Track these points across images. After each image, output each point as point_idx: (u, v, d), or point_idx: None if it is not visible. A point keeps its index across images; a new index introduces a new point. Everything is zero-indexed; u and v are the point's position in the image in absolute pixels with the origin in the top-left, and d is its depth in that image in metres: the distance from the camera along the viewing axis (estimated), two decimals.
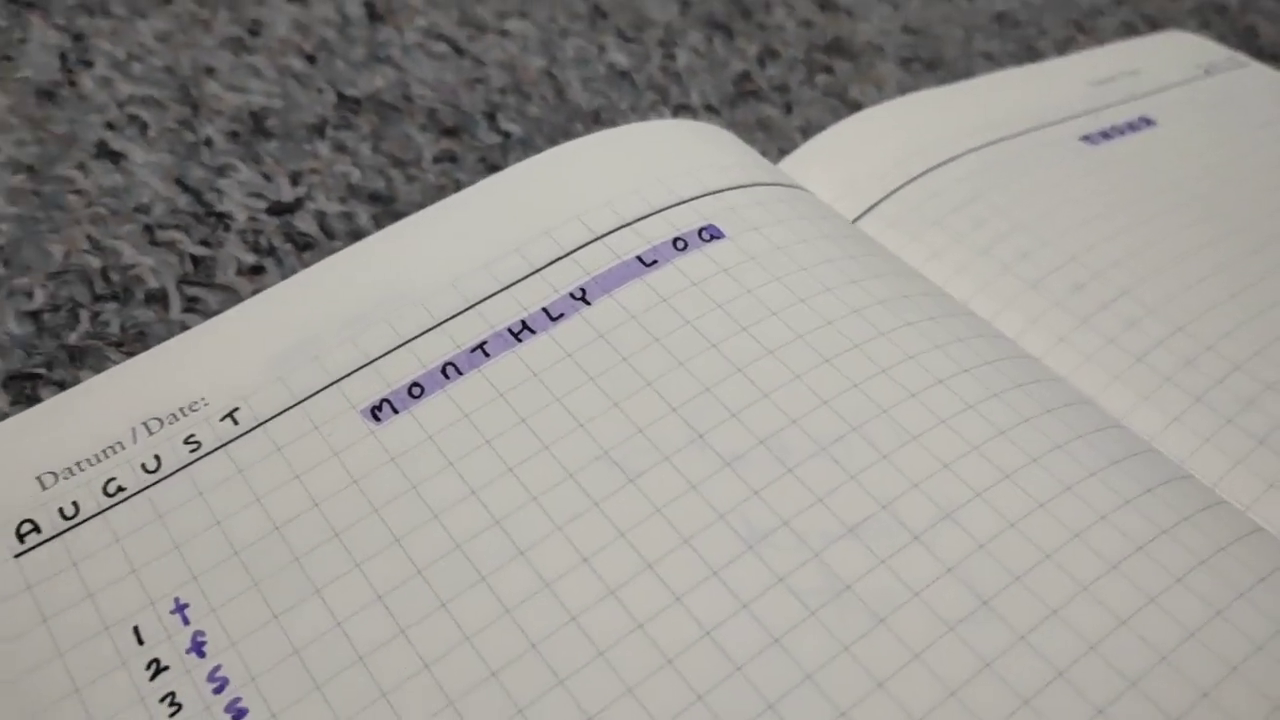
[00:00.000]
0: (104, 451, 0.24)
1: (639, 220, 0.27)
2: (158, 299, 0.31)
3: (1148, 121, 0.38)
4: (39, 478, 0.24)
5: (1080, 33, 0.50)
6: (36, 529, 0.23)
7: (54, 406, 0.25)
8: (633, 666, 0.20)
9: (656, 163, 0.29)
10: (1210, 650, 0.19)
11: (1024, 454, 0.23)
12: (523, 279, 0.26)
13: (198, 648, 0.21)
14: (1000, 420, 0.23)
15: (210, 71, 0.39)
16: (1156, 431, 0.26)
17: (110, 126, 0.36)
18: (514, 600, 0.21)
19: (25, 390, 0.27)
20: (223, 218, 0.33)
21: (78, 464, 0.24)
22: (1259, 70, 0.43)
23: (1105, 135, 0.37)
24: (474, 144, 0.38)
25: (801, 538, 0.22)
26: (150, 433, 0.24)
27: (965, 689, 0.19)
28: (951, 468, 0.22)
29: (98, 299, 0.30)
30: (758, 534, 0.22)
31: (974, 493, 0.22)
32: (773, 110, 0.42)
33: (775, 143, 0.40)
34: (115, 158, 0.35)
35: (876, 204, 0.33)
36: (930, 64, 0.46)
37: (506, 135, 0.38)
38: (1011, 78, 0.40)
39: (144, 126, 0.36)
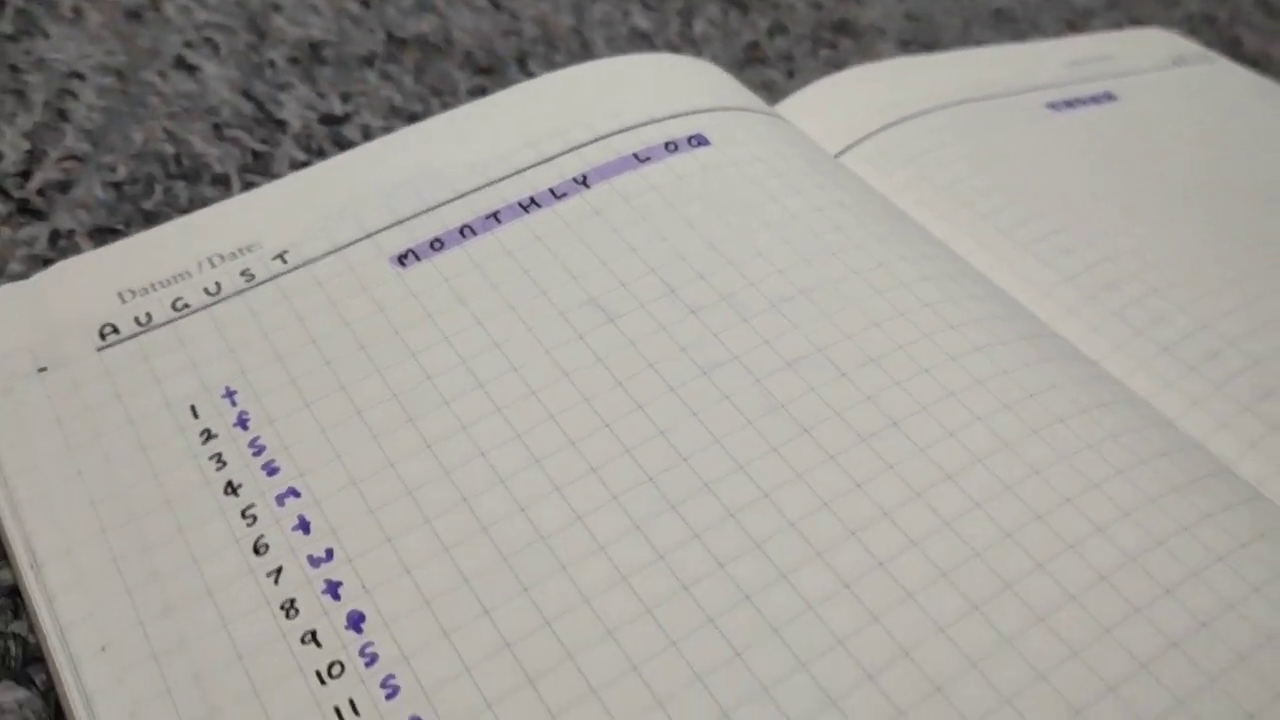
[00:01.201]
0: (174, 277, 0.29)
1: (637, 127, 0.32)
2: (221, 182, 0.35)
3: (1110, 96, 0.43)
4: (119, 293, 0.28)
5: (1072, 30, 0.54)
6: (116, 331, 0.27)
7: (135, 242, 0.30)
8: (605, 466, 0.24)
9: (657, 84, 0.34)
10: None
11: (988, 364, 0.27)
12: (533, 165, 0.31)
13: (242, 423, 0.26)
14: (950, 316, 0.28)
15: (276, 8, 0.44)
16: (1103, 355, 0.30)
17: (188, 45, 0.41)
18: (505, 400, 0.26)
19: (107, 241, 0.32)
20: (281, 124, 0.38)
21: (152, 285, 0.28)
22: (1226, 66, 0.48)
23: (1069, 104, 0.41)
24: (504, 82, 0.42)
25: (748, 368, 0.26)
26: (213, 265, 0.29)
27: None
28: (906, 350, 0.26)
29: (170, 177, 0.35)
30: (711, 363, 0.26)
31: (920, 369, 0.26)
32: (776, 75, 0.46)
33: (775, 102, 0.44)
34: (191, 69, 0.40)
35: (855, 143, 0.38)
36: (927, 46, 0.50)
37: (533, 75, 0.43)
38: (994, 52, 0.45)
39: (216, 47, 0.41)
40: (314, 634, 0.22)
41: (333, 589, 0.23)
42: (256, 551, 0.24)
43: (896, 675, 0.21)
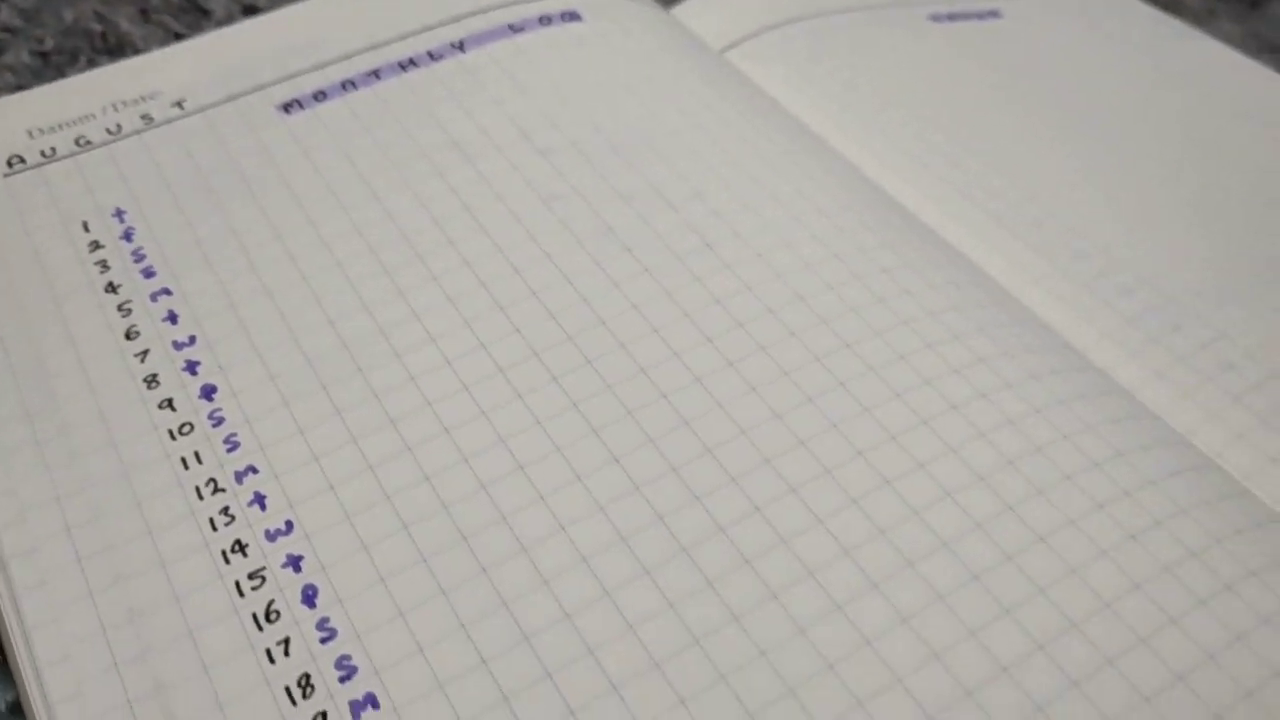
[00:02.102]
0: (79, 119, 0.32)
1: (514, 4, 0.35)
2: None
3: (994, 14, 0.45)
4: (28, 130, 0.31)
5: None
6: (22, 161, 0.30)
7: (45, 89, 0.33)
8: (483, 320, 0.27)
9: None
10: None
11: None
12: (416, 33, 0.34)
13: (127, 236, 0.29)
14: (819, 205, 0.30)
15: None
16: (986, 255, 0.32)
17: None
18: (374, 237, 0.28)
19: None
20: (206, 12, 0.41)
21: (58, 125, 0.31)
22: None
23: (951, 18, 0.44)
24: None
25: (587, 200, 0.29)
26: (115, 110, 0.32)
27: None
28: (755, 211, 0.29)
29: (95, 51, 0.38)
30: (552, 194, 0.29)
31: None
32: None
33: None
34: None
35: (738, 41, 0.40)
36: None
37: None
38: None
39: None
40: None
41: (191, 368, 0.26)
42: (128, 336, 0.27)
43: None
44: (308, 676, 0.21)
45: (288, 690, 0.21)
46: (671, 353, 0.26)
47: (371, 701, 0.21)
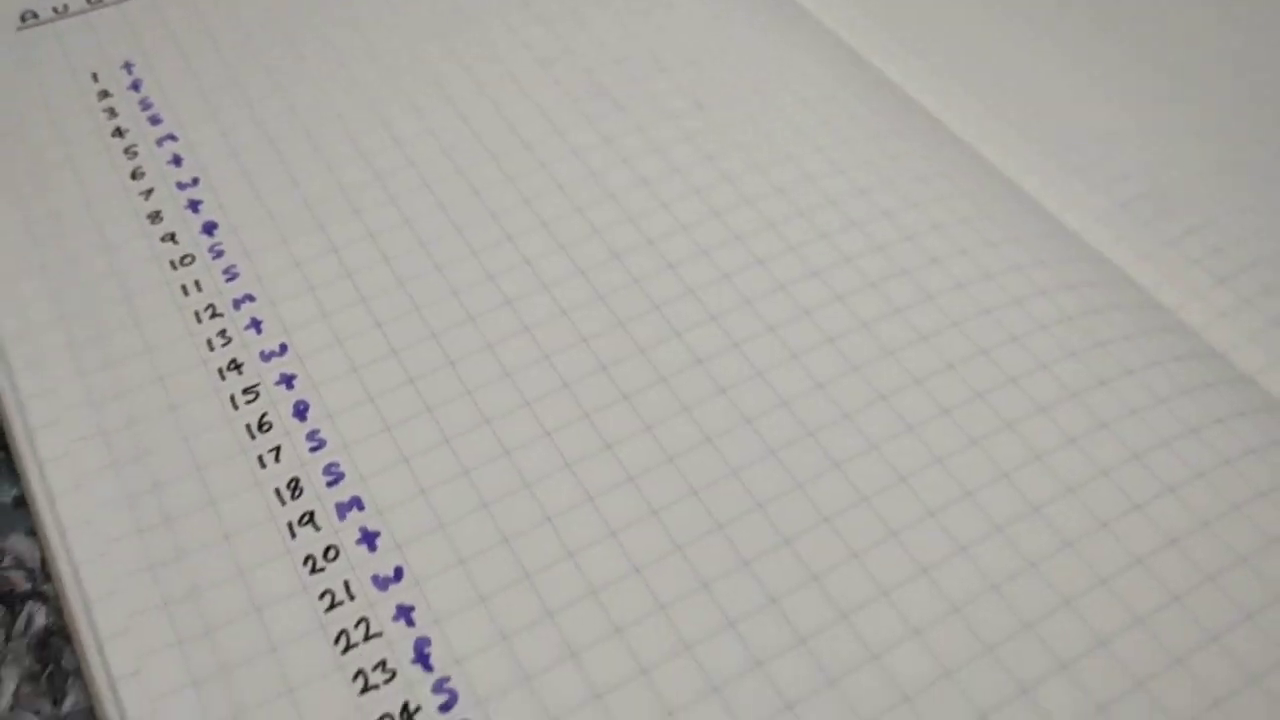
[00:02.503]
0: None
1: None
2: None
3: None
4: None
5: None
6: (35, 16, 0.31)
7: None
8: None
9: None
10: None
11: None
12: None
13: (135, 86, 0.29)
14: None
15: None
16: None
17: None
18: (374, 92, 0.29)
19: None
20: None
21: None
22: None
23: None
24: None
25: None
26: None
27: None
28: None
29: None
30: (547, 58, 0.30)
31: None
32: None
33: None
34: None
35: None
36: None
37: None
38: None
39: None
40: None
41: (193, 206, 0.27)
42: (133, 176, 0.27)
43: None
44: (296, 480, 0.22)
45: (277, 491, 0.22)
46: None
47: (357, 504, 0.22)
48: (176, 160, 0.28)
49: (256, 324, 0.25)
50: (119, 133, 0.28)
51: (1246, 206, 0.30)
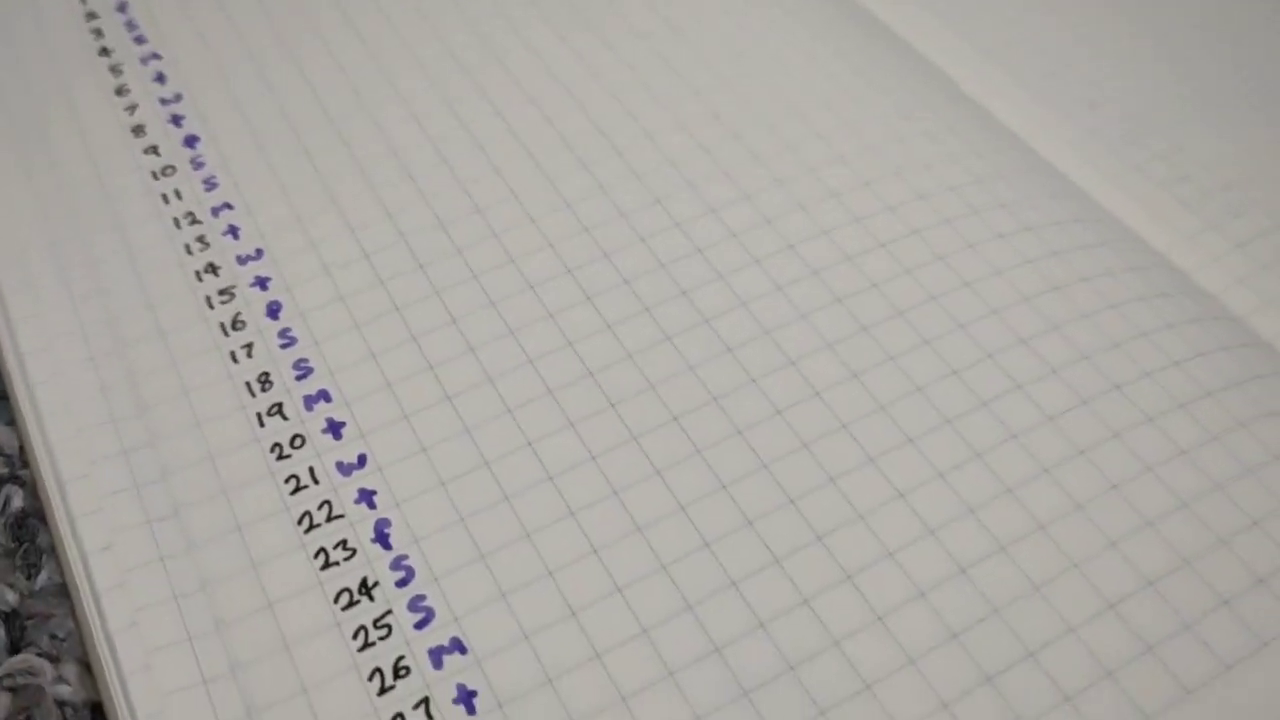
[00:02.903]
0: None
1: None
2: None
3: None
4: None
5: None
6: None
7: None
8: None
9: None
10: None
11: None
12: None
13: (121, 8, 0.30)
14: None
15: None
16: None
17: None
18: (359, 22, 0.30)
19: None
20: None
21: None
22: None
23: None
24: None
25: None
26: None
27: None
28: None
29: None
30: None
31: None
32: None
33: None
34: None
35: None
36: None
37: None
38: None
39: None
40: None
41: (176, 120, 0.27)
42: (118, 93, 0.28)
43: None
44: (266, 375, 0.23)
45: (248, 385, 0.23)
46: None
47: (324, 396, 0.22)
48: (160, 77, 0.28)
49: (234, 230, 0.25)
50: (105, 52, 0.29)
51: (1219, 134, 0.30)
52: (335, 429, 0.22)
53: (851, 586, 0.20)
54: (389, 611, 0.20)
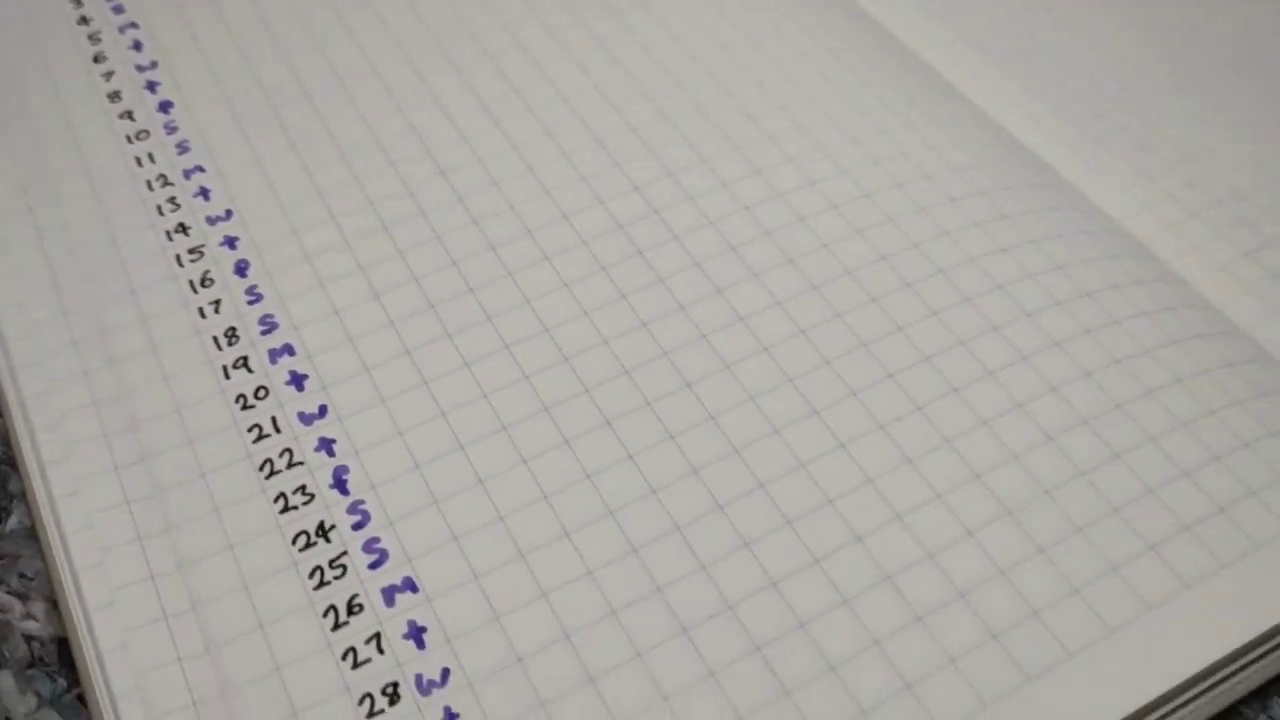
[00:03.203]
0: None
1: None
2: None
3: None
4: None
5: None
6: None
7: None
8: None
9: None
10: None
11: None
12: None
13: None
14: None
15: None
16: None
17: None
18: None
19: None
20: None
21: None
22: None
23: None
24: None
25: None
26: None
27: None
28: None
29: None
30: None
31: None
32: None
33: None
34: None
35: None
36: None
37: None
38: None
39: None
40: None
41: (151, 87, 0.28)
42: (95, 60, 0.29)
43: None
44: (234, 329, 0.23)
45: (215, 339, 0.23)
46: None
47: (289, 350, 0.23)
48: (137, 45, 0.29)
49: (205, 192, 0.26)
50: (84, 20, 0.30)
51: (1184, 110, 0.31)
52: (298, 381, 0.23)
53: (791, 531, 0.21)
54: (344, 553, 0.20)
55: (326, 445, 0.22)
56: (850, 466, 0.21)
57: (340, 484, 0.21)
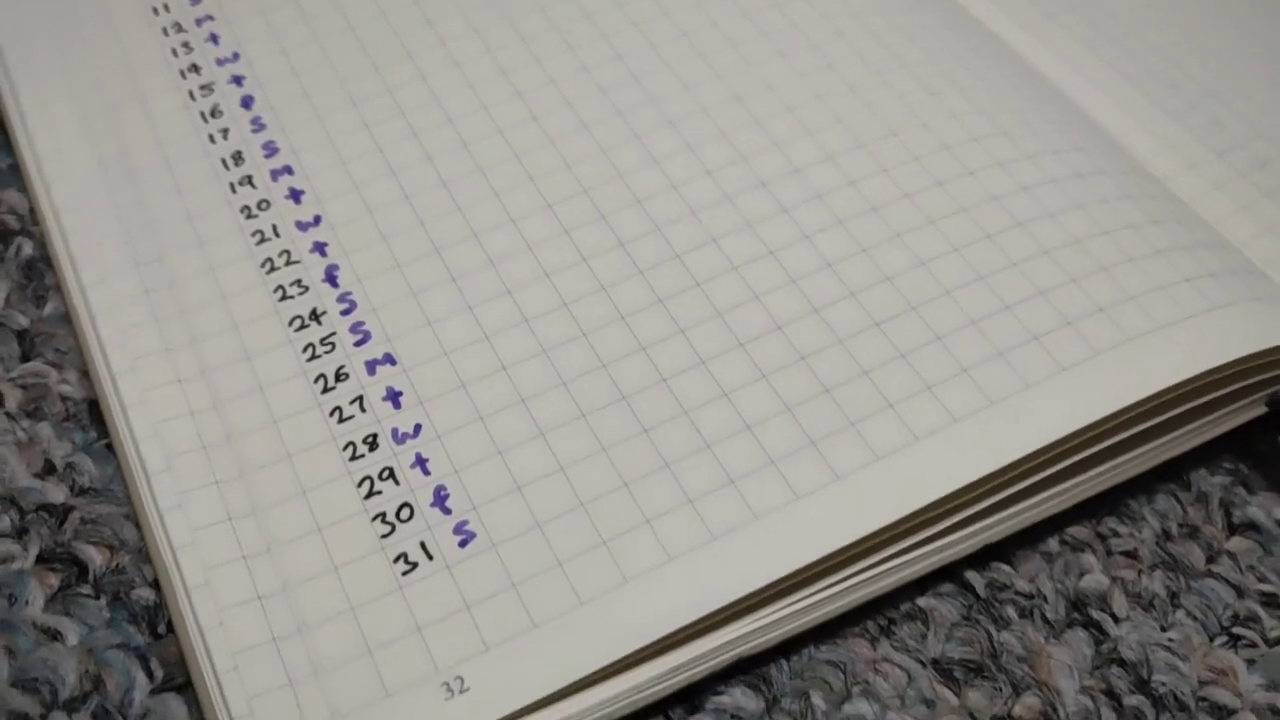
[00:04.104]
0: None
1: None
2: None
3: None
4: None
5: None
6: None
7: None
8: None
9: None
10: None
11: None
12: None
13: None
14: None
15: None
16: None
17: None
18: None
19: None
20: None
21: None
22: None
23: None
24: None
25: None
26: None
27: None
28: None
29: None
30: None
31: None
32: None
33: None
34: None
35: None
36: None
37: None
38: None
39: None
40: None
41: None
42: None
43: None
44: (239, 153, 0.27)
45: (223, 161, 0.26)
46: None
47: (288, 170, 0.26)
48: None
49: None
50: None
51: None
52: (296, 196, 0.26)
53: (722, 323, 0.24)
54: (333, 333, 0.24)
55: (320, 248, 0.25)
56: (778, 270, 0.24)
57: (331, 279, 0.24)
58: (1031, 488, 0.22)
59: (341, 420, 0.22)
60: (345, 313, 0.24)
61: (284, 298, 0.24)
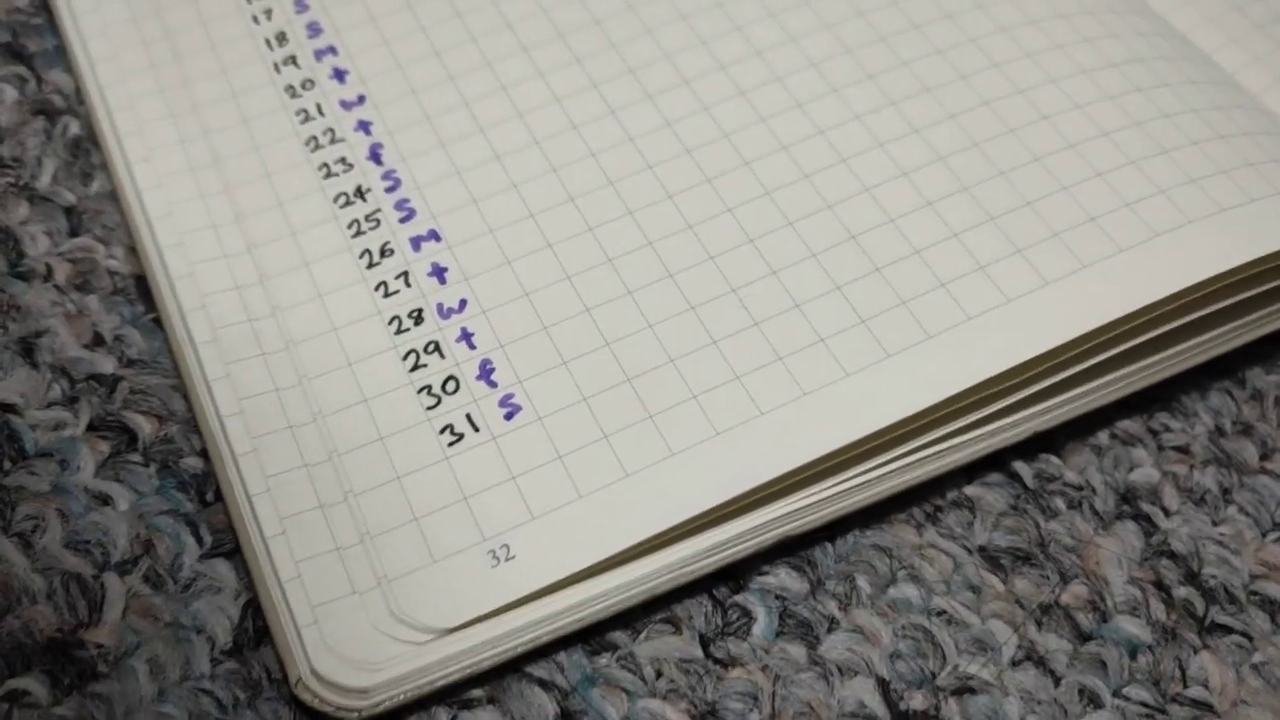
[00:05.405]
0: None
1: None
2: None
3: None
4: None
5: None
6: None
7: None
8: None
9: None
10: None
11: None
12: None
13: None
14: None
15: None
16: None
17: None
18: None
19: None
20: None
21: None
22: None
23: None
24: None
25: None
26: None
27: None
28: None
29: None
30: None
31: None
32: None
33: None
34: None
35: None
36: None
37: None
38: None
39: None
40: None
41: None
42: None
43: None
44: (283, 33, 0.26)
45: (267, 41, 0.26)
46: None
47: (332, 50, 0.26)
48: None
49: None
50: None
51: None
52: (340, 75, 0.25)
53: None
54: (378, 210, 0.23)
55: (364, 126, 0.25)
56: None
57: (375, 157, 0.24)
58: (1084, 373, 0.22)
59: (387, 295, 0.22)
60: (390, 189, 0.24)
61: (328, 175, 0.24)
